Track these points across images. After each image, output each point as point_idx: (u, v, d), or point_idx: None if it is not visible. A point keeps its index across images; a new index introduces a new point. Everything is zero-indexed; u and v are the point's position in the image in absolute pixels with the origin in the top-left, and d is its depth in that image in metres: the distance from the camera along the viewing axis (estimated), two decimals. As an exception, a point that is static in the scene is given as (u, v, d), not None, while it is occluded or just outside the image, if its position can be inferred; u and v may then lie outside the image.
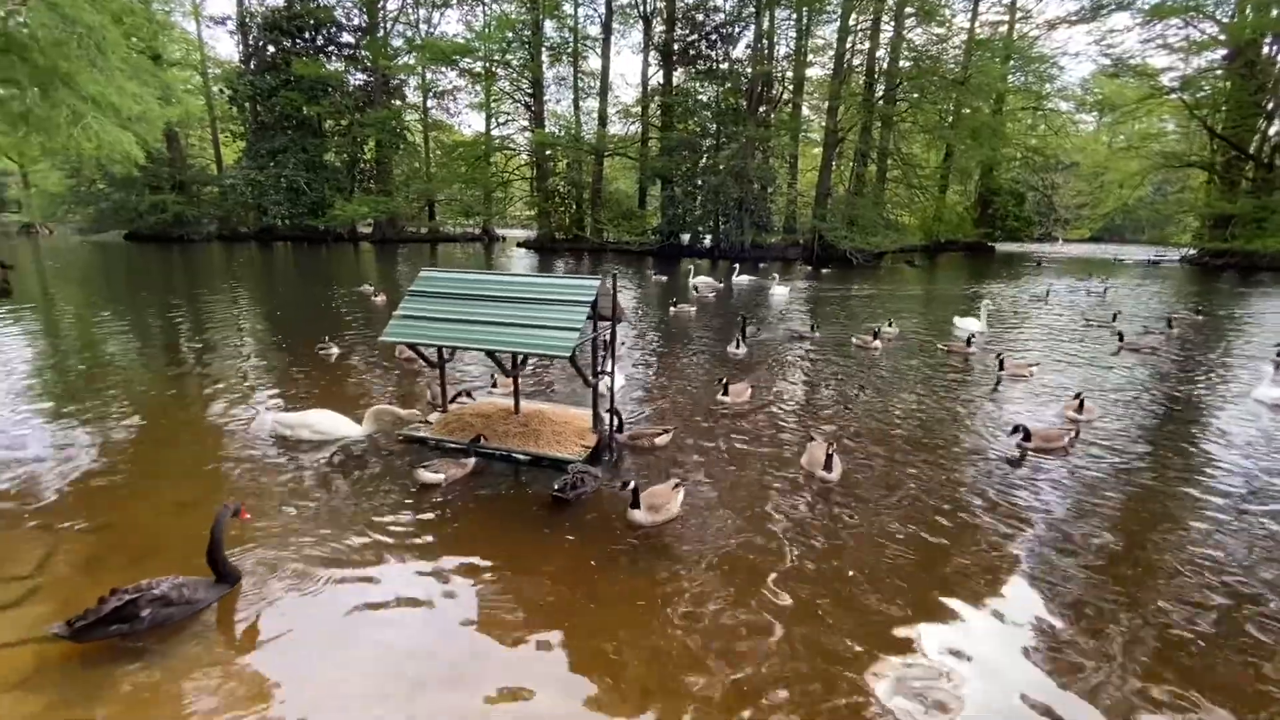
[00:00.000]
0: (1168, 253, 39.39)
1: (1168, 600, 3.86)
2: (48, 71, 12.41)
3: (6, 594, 3.63)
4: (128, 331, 11.54)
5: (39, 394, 7.59)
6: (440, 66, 42.19)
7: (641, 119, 41.56)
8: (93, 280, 20.24)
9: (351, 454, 5.83)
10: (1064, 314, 15.99)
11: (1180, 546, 4.52)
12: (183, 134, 40.24)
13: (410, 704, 2.95)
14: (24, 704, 2.87)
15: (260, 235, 41.21)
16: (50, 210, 44.50)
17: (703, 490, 5.27)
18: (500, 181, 45.10)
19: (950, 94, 34.43)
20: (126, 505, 4.80)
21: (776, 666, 3.23)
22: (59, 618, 3.40)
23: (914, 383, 8.99)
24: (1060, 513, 5.00)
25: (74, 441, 6.02)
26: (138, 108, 13.60)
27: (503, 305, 5.69)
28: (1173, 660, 3.34)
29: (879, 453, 6.23)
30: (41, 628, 3.31)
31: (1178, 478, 5.75)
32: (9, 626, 3.37)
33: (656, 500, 4.60)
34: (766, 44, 36.11)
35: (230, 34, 45.95)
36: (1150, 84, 34.36)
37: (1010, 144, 40.22)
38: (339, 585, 3.81)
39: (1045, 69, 37.30)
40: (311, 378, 8.60)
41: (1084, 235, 59.18)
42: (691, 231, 38.54)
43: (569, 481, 4.91)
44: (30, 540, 4.22)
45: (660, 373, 9.38)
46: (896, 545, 4.44)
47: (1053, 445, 6.21)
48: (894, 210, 39.20)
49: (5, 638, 3.28)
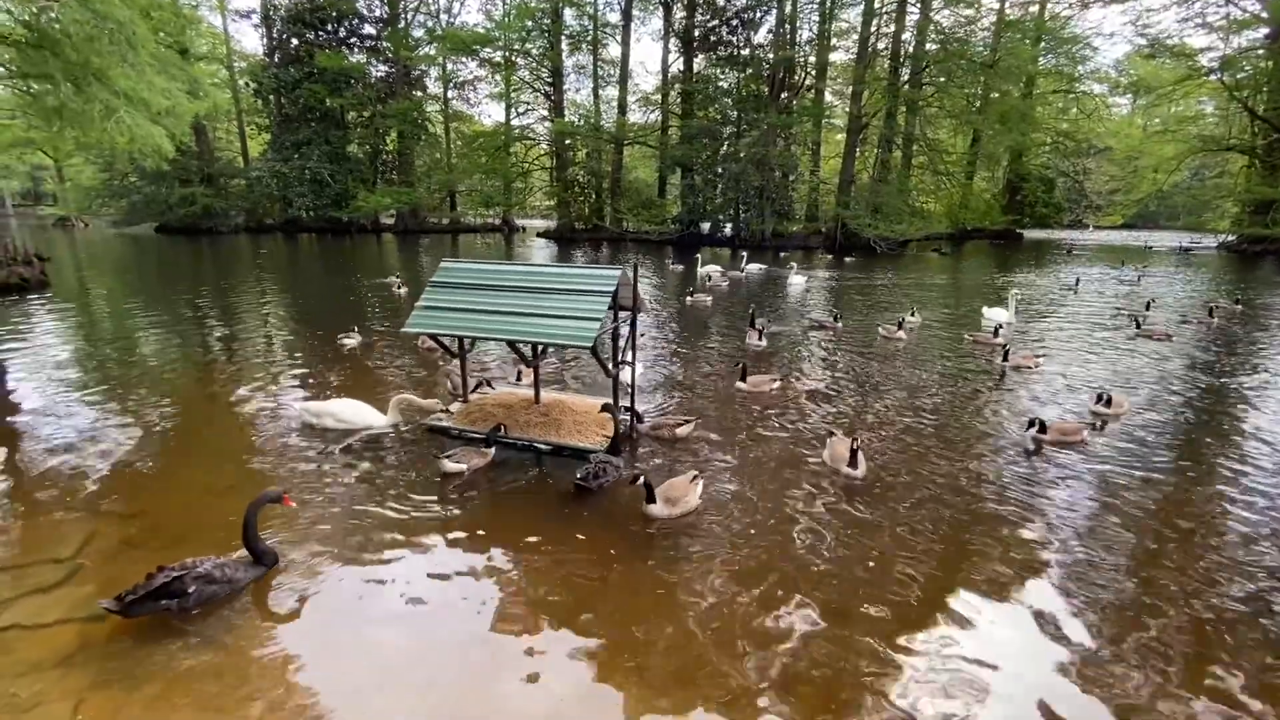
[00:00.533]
0: (1202, 239, 38.15)
1: (1197, 597, 3.77)
2: (80, 67, 12.67)
3: (49, 575, 3.76)
4: (160, 322, 11.84)
5: (76, 383, 7.83)
6: (461, 57, 42.22)
7: (661, 107, 41.23)
8: (126, 272, 20.77)
9: (376, 443, 5.92)
10: (1094, 303, 15.60)
11: (1211, 544, 4.41)
12: (210, 127, 40.86)
13: (430, 689, 3.01)
14: (67, 680, 2.99)
15: (285, 227, 41.83)
16: (84, 203, 45.63)
17: (723, 481, 5.26)
18: (520, 171, 45.18)
19: (978, 77, 33.56)
20: (161, 491, 4.94)
21: (795, 658, 3.23)
22: (100, 599, 3.53)
23: (936, 374, 8.86)
24: (1084, 509, 4.90)
25: (109, 429, 6.20)
26: (167, 102, 13.84)
27: (524, 295, 5.68)
28: (1202, 662, 3.27)
29: (899, 446, 6.16)
30: (83, 607, 3.45)
31: (1209, 473, 5.60)
32: (52, 606, 3.50)
33: (674, 493, 4.59)
34: (789, 28, 35.55)
35: (255, 27, 46.64)
36: (1188, 65, 33.16)
37: (1040, 129, 39.11)
38: (363, 570, 3.89)
39: (1078, 50, 36.15)
40: (336, 367, 8.74)
41: (1116, 222, 57.44)
42: (712, 220, 38.28)
43: (591, 471, 4.94)
44: (70, 524, 4.37)
45: (678, 363, 9.36)
46: (916, 539, 4.40)
47: (1069, 439, 6.07)
48: (919, 197, 38.49)
49: (48, 617, 3.41)
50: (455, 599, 3.66)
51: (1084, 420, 6.55)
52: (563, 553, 4.15)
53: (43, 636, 3.27)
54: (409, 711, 2.86)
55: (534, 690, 3.00)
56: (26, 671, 3.02)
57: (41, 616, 3.41)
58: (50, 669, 3.05)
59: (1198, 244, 36.68)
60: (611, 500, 4.90)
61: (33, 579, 3.73)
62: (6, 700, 2.86)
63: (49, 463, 5.36)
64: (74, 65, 12.65)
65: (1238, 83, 31.97)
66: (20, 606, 3.49)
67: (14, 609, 3.47)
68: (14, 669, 3.04)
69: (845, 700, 2.97)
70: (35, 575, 3.76)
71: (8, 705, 2.83)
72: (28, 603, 3.52)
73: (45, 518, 4.46)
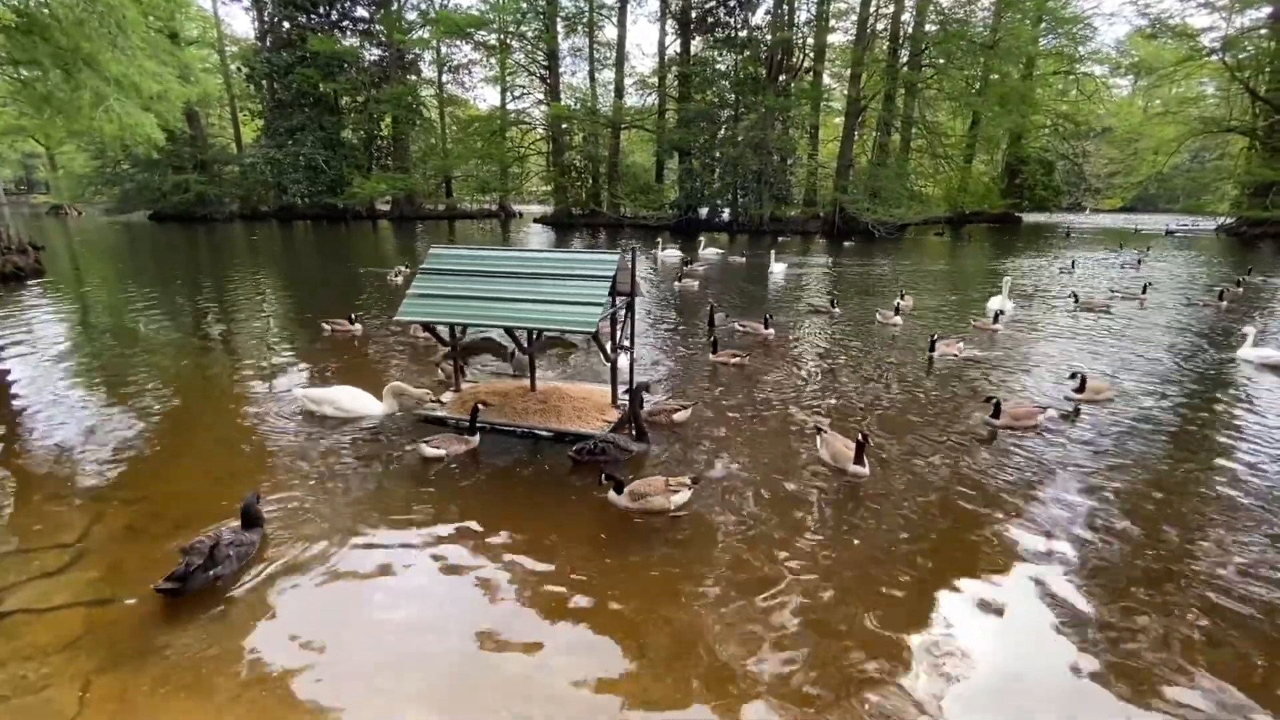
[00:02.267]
0: (1192, 222, 38.11)
1: (1201, 587, 3.83)
2: (70, 52, 12.53)
3: (55, 560, 3.79)
4: (157, 309, 11.80)
5: (75, 370, 7.83)
6: (454, 39, 41.76)
7: (658, 90, 40.88)
8: (121, 260, 20.65)
9: (370, 430, 5.93)
10: (1088, 286, 15.60)
11: (1200, 526, 4.46)
12: (203, 113, 40.47)
13: (433, 671, 3.05)
14: (74, 663, 3.02)
15: (280, 214, 41.59)
16: (78, 191, 45.33)
17: (718, 467, 5.29)
18: (516, 156, 44.86)
19: (978, 59, 33.28)
20: (161, 476, 4.96)
21: (789, 643, 3.28)
22: (105, 583, 3.59)
23: (925, 361, 8.89)
24: (1071, 493, 4.95)
25: (108, 415, 6.21)
26: (158, 87, 13.71)
27: (522, 281, 5.61)
28: (1202, 650, 3.32)
29: (888, 434, 6.19)
30: (89, 591, 3.48)
31: (1197, 453, 5.65)
32: (59, 590, 3.53)
33: (642, 489, 4.42)
34: (787, 9, 35.16)
35: (245, 10, 45.93)
36: (1190, 45, 32.86)
37: (1040, 110, 38.80)
38: (364, 555, 3.93)
39: (1078, 30, 35.82)
40: (331, 354, 8.74)
41: (1115, 205, 57.31)
42: (710, 205, 38.09)
43: (586, 447, 4.97)
44: (73, 510, 4.40)
45: (664, 346, 9.37)
46: (911, 528, 4.44)
47: (1023, 423, 5.98)
48: (918, 181, 38.30)
49: (55, 601, 3.44)
50: (456, 583, 3.70)
51: (1038, 404, 6.35)
52: (556, 537, 4.19)
53: (49, 620, 3.30)
54: (414, 693, 2.90)
55: (531, 660, 3.04)
56: (34, 655, 3.06)
57: (47, 600, 3.44)
58: (57, 652, 3.09)
59: (1184, 227, 36.65)
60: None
61: (38, 563, 3.76)
62: (16, 682, 2.90)
63: (49, 449, 5.38)
64: (64, 50, 12.51)
65: (1239, 63, 31.73)
66: (26, 590, 3.52)
67: (20, 593, 3.50)
68: (22, 652, 3.08)
69: (845, 681, 3.01)
70: (40, 560, 3.80)
71: (17, 687, 2.87)
72: (34, 587, 3.55)
73: (48, 504, 4.48)
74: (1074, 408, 6.68)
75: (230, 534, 3.73)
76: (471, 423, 5.45)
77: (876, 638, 3.26)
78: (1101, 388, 7.00)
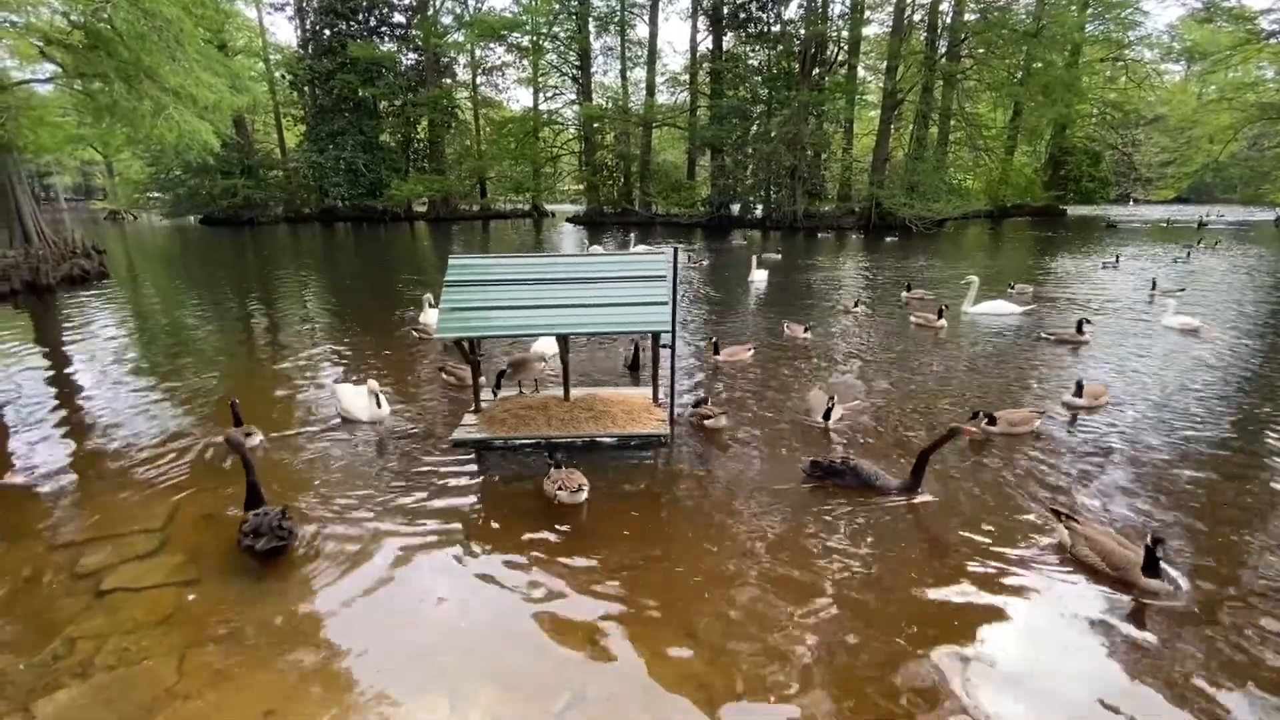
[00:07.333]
0: (1224, 213, 36.40)
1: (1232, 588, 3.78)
2: (132, 65, 13.18)
3: (146, 544, 4.10)
4: (212, 309, 12.39)
5: (143, 369, 8.32)
6: (489, 42, 42.41)
7: (690, 87, 40.87)
8: (175, 263, 21.62)
9: (393, 431, 6.17)
10: (1130, 281, 15.07)
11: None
12: (249, 120, 41.92)
13: (492, 654, 3.23)
14: (169, 638, 3.29)
15: (322, 216, 42.87)
16: (134, 197, 47.43)
17: (736, 457, 5.38)
18: (549, 156, 45.36)
19: (1020, 47, 32.38)
20: (227, 468, 5.26)
21: (808, 632, 3.36)
22: (191, 565, 3.89)
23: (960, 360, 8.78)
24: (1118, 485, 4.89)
25: (174, 411, 6.62)
26: (214, 96, 14.31)
27: (574, 286, 5.42)
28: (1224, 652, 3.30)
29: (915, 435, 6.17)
30: (178, 572, 3.77)
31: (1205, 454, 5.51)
32: (151, 571, 3.83)
33: (572, 482, 4.52)
34: (820, 2, 34.74)
35: (289, 19, 47.40)
36: (1247, 28, 31.34)
37: (1086, 99, 37.52)
38: (389, 544, 4.15)
39: (1127, 15, 34.48)
40: (371, 356, 9.07)
41: (1169, 196, 54.87)
42: (742, 202, 37.92)
43: (825, 464, 4.86)
44: (155, 498, 4.73)
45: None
46: (923, 527, 4.47)
47: (1017, 429, 5.89)
48: (956, 174, 37.49)
49: (148, 581, 3.73)
50: (508, 574, 3.88)
51: (1034, 411, 6.12)
52: (611, 537, 4.34)
53: (144, 598, 3.59)
54: (478, 674, 3.08)
55: (594, 652, 3.19)
56: (134, 629, 3.34)
57: (141, 581, 3.74)
58: (153, 628, 3.36)
59: (1214, 217, 35.01)
60: (665, 487, 5.06)
61: (130, 548, 4.07)
62: (120, 653, 3.17)
63: (125, 442, 5.76)
64: (126, 64, 13.15)
65: (1301, 45, 30.18)
66: (122, 571, 3.83)
67: (117, 573, 3.80)
68: (123, 626, 3.36)
69: (861, 673, 3.09)
70: (131, 544, 4.11)
71: (121, 658, 3.15)
72: (129, 568, 3.86)
73: (132, 493, 4.82)
74: (1072, 415, 6.44)
75: (275, 510, 4.05)
76: (549, 454, 4.97)
77: (892, 625, 3.31)
78: (1099, 391, 6.74)
